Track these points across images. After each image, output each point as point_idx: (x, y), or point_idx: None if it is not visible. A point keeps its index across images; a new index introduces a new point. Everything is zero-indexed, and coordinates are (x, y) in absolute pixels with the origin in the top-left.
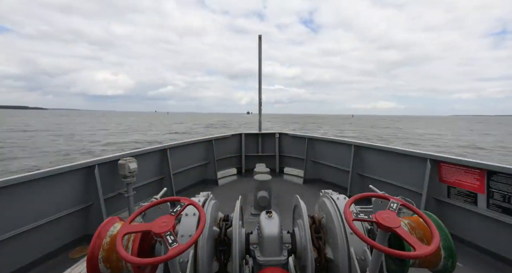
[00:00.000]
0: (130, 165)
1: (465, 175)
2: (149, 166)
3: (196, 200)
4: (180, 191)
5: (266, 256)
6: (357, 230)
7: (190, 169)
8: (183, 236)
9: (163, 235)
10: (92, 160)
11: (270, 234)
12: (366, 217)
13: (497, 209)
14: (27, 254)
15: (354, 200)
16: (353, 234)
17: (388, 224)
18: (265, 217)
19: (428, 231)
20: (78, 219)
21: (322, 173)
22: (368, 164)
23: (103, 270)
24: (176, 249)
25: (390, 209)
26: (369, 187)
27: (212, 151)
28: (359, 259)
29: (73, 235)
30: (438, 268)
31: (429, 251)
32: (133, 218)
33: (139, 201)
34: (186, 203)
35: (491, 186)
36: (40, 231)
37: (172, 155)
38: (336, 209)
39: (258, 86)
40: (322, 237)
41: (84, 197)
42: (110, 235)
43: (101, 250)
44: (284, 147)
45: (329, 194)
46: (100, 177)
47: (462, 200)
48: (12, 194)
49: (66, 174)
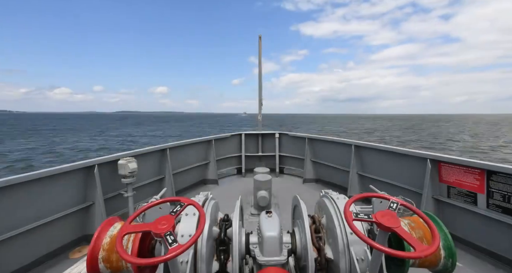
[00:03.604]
0: (130, 165)
1: (465, 175)
2: (149, 166)
3: (196, 200)
4: (180, 191)
5: (266, 256)
6: (357, 230)
7: (190, 169)
8: (183, 236)
9: (163, 235)
10: (92, 160)
11: (270, 234)
12: (366, 217)
13: (497, 209)
14: (27, 254)
15: (354, 200)
16: (353, 234)
17: (388, 224)
18: (265, 217)
19: (428, 231)
20: (78, 219)
21: (322, 173)
22: (368, 164)
23: (103, 270)
24: (176, 249)
25: (390, 209)
26: (369, 187)
27: (212, 151)
28: (359, 259)
29: (73, 235)
30: (438, 268)
31: (429, 251)
32: (133, 218)
33: (139, 201)
34: (186, 203)
35: (491, 186)
36: (40, 231)
37: (172, 155)
38: (336, 209)
39: (258, 86)
40: (322, 237)
41: (84, 197)
42: (110, 235)
43: (101, 250)
44: (284, 147)
45: (329, 194)
46: (100, 177)
47: (462, 200)
48: (12, 194)
49: (66, 174)
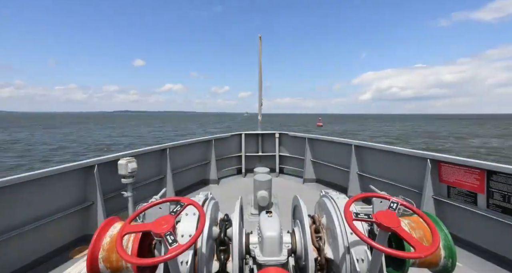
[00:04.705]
0: (129, 165)
1: (465, 175)
2: (149, 166)
3: (196, 200)
4: (180, 191)
5: (266, 256)
6: (357, 230)
7: (190, 169)
8: (183, 236)
9: (163, 235)
10: (92, 160)
11: (270, 234)
12: (366, 217)
13: (497, 209)
14: (27, 254)
15: (354, 200)
16: (353, 234)
17: (388, 224)
18: (265, 217)
19: (428, 231)
20: (78, 219)
21: (322, 173)
22: (368, 164)
23: (103, 270)
24: (176, 249)
25: (390, 209)
26: (369, 187)
27: (212, 151)
28: (359, 259)
29: (73, 235)
30: (438, 268)
31: (429, 251)
32: (133, 218)
33: (139, 201)
34: (186, 203)
35: (491, 186)
36: (40, 231)
37: (172, 155)
38: (336, 209)
39: (259, 86)
40: (322, 237)
41: (84, 197)
42: (110, 235)
43: (101, 250)
44: (284, 147)
45: (329, 194)
46: (100, 177)
47: (462, 200)
48: (12, 194)
49: (66, 174)
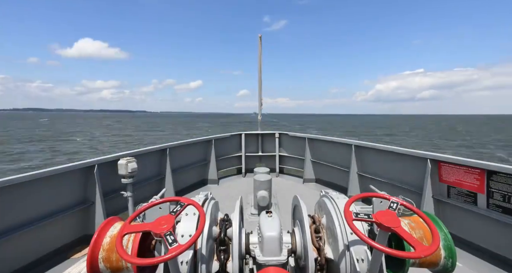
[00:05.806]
0: (130, 165)
1: (465, 175)
2: (149, 166)
3: (196, 200)
4: (180, 191)
5: (266, 256)
6: (357, 230)
7: (190, 169)
8: (183, 236)
9: (163, 235)
10: (92, 160)
11: (270, 234)
12: (366, 217)
13: (497, 209)
14: (27, 254)
15: (354, 200)
16: (353, 234)
17: (388, 224)
18: (265, 217)
19: (428, 231)
20: (78, 219)
21: (322, 173)
22: (368, 164)
23: (103, 270)
24: (176, 249)
25: (390, 209)
26: (369, 187)
27: (212, 151)
28: (359, 259)
29: (73, 235)
30: (438, 268)
31: (429, 251)
32: (133, 218)
33: (139, 201)
34: (186, 203)
35: (491, 186)
36: (40, 231)
37: (172, 155)
38: (336, 209)
39: (258, 86)
40: (322, 237)
41: (84, 197)
42: (110, 235)
43: (101, 250)
44: (284, 147)
45: (329, 194)
46: (100, 177)
47: (462, 200)
48: (12, 194)
49: (66, 174)
